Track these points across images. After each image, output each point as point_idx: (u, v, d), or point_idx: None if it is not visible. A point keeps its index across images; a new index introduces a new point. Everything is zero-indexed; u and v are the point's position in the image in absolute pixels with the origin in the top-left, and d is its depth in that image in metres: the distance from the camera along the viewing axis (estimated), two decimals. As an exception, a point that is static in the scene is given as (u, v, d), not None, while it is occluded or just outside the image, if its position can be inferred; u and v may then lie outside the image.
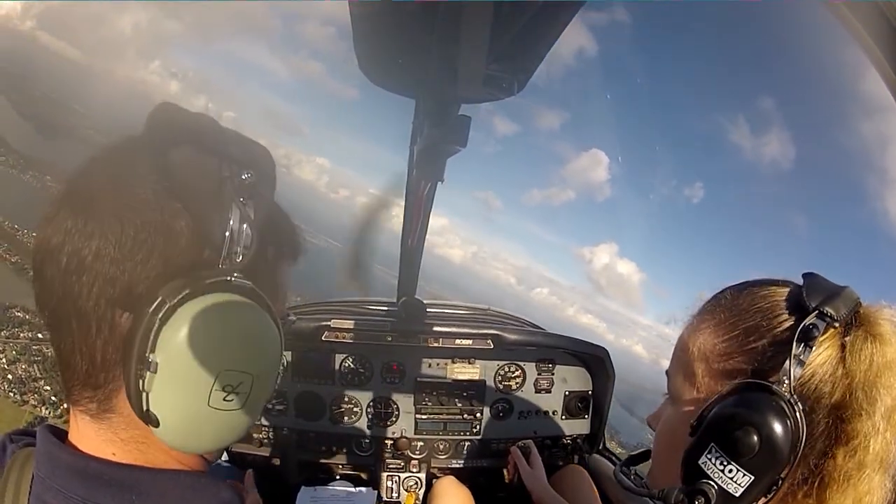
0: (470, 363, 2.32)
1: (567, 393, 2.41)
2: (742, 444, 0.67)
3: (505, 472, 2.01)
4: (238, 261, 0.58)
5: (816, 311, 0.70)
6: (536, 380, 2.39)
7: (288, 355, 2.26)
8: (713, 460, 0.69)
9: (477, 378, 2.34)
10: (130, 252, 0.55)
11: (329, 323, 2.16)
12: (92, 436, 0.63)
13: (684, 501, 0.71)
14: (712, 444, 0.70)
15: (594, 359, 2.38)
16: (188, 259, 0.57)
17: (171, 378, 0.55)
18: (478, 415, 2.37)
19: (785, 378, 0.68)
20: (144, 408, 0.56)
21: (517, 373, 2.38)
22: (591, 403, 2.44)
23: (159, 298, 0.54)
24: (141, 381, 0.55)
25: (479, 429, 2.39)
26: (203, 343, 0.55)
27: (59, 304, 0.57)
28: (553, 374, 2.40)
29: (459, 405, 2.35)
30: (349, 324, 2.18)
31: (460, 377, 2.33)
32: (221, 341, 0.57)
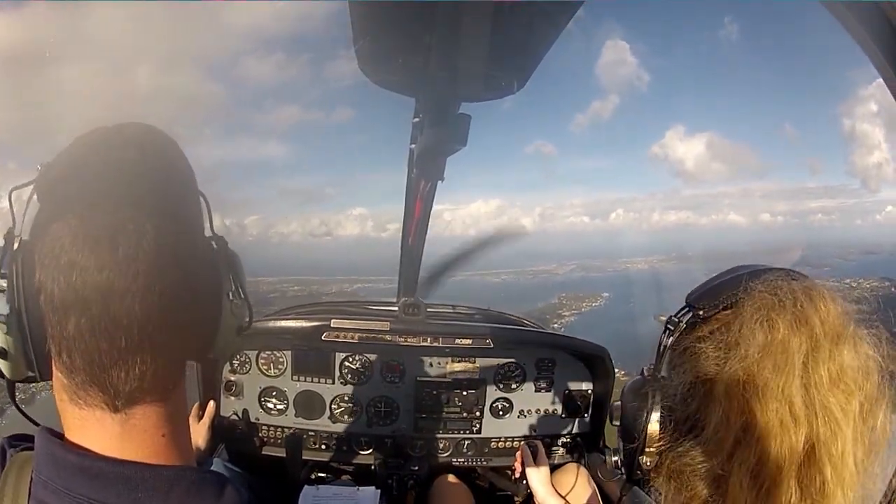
0: (470, 362, 2.33)
1: (567, 392, 2.42)
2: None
3: (516, 466, 2.03)
4: None
5: (687, 306, 0.77)
6: (536, 378, 2.39)
7: (288, 355, 2.28)
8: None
9: (477, 377, 2.34)
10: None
11: (329, 323, 2.17)
12: (93, 432, 0.63)
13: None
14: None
15: (594, 358, 2.38)
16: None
17: None
18: (478, 413, 2.37)
19: (651, 364, 0.79)
20: None
21: (517, 371, 2.38)
22: (591, 402, 2.44)
23: None
24: None
25: (479, 427, 2.39)
26: None
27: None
28: (553, 372, 2.40)
29: (459, 404, 2.35)
30: (349, 323, 2.18)
31: (460, 376, 2.33)
32: None
